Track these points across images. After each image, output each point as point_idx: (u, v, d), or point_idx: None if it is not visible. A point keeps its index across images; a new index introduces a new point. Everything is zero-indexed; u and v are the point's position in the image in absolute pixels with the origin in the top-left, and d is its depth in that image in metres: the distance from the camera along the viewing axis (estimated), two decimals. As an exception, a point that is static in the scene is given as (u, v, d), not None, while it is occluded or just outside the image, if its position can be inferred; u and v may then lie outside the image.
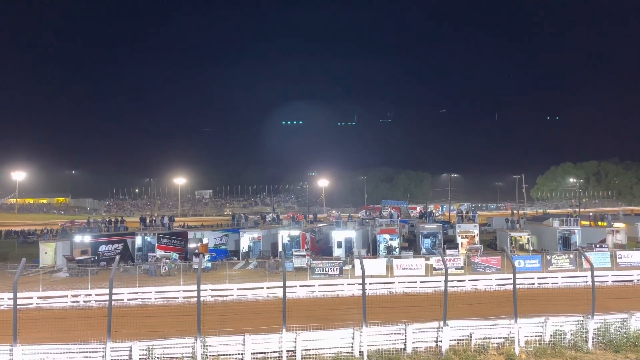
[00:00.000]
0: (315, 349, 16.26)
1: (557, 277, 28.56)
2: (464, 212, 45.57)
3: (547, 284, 28.20)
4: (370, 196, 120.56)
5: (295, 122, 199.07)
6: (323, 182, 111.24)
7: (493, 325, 17.46)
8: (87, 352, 15.52)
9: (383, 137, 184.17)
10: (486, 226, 58.46)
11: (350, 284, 26.69)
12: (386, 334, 16.93)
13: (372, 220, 45.72)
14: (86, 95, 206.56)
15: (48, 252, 37.49)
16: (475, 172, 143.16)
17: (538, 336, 17.56)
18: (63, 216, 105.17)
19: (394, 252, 36.26)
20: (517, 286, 17.84)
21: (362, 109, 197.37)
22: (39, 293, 25.10)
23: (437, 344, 16.96)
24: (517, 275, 18.50)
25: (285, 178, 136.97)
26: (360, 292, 23.63)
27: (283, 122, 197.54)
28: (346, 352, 16.38)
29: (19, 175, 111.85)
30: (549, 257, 29.86)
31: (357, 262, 28.12)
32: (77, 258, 34.57)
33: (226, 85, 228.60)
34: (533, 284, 27.97)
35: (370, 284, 24.69)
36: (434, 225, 40.50)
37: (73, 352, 15.52)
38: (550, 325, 17.54)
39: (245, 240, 39.75)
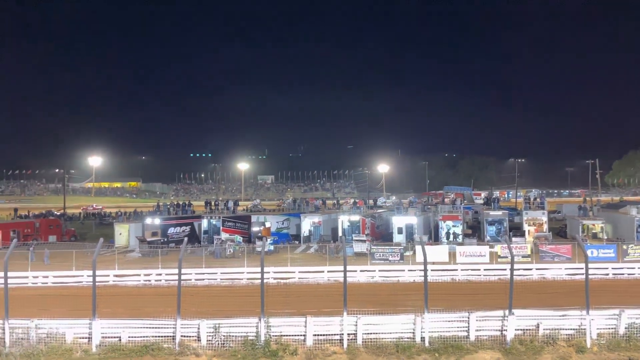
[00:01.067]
0: (376, 333, 16.31)
1: (634, 268, 26.90)
2: (532, 199, 43.73)
3: (623, 274, 26.65)
4: (432, 182, 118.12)
5: (355, 108, 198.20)
6: (383, 168, 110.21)
7: (563, 315, 16.76)
8: (159, 327, 16.39)
9: (446, 121, 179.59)
10: (556, 213, 55.79)
11: (411, 270, 26.44)
12: (448, 321, 16.69)
13: (434, 206, 44.92)
14: (157, 86, 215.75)
15: (122, 233, 39.76)
16: (544, 157, 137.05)
17: (612, 329, 16.70)
18: (135, 199, 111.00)
19: (457, 239, 35.51)
20: (590, 276, 17.00)
21: (424, 91, 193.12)
22: (115, 271, 26.66)
23: (501, 333, 16.52)
24: (590, 265, 17.63)
25: (346, 163, 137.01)
26: (421, 278, 23.35)
27: (343, 109, 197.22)
28: (407, 338, 16.31)
29: (95, 161, 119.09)
30: (625, 247, 28.15)
31: (418, 248, 27.76)
32: (148, 239, 36.40)
33: (289, 72, 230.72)
34: (607, 274, 26.52)
35: (431, 270, 24.34)
36: (500, 212, 39.18)
37: (146, 328, 16.45)
38: (625, 317, 16.61)
39: (306, 224, 40.26)
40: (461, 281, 26.04)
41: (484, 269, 26.97)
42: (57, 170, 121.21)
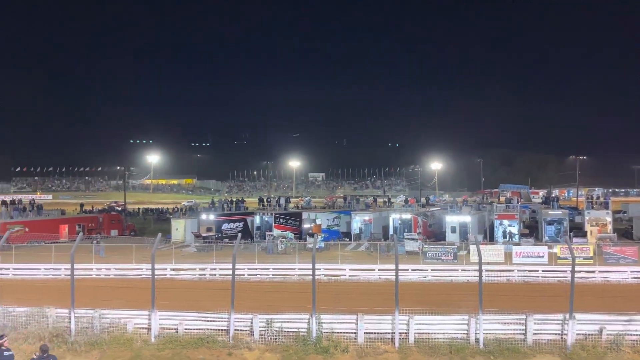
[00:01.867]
0: (429, 333, 16.05)
1: None
2: (595, 198, 41.68)
3: (696, 279, 24.93)
4: (487, 180, 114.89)
5: (407, 104, 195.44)
6: (436, 165, 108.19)
7: (628, 320, 15.87)
8: (214, 320, 16.82)
9: (502, 117, 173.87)
10: (621, 213, 52.91)
11: (465, 270, 25.83)
12: (504, 323, 16.17)
13: (489, 205, 43.70)
14: (211, 88, 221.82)
15: (178, 229, 41.15)
16: (609, 154, 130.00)
17: (685, 336, 15.65)
18: (190, 196, 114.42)
19: (513, 239, 34.39)
20: (659, 280, 15.99)
21: (480, 86, 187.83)
22: (172, 265, 27.60)
23: (561, 337, 15.84)
24: (659, 269, 16.58)
25: (397, 161, 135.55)
26: (475, 278, 22.82)
27: (395, 105, 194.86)
28: (460, 339, 15.95)
29: (153, 158, 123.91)
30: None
31: (472, 247, 27.13)
32: (203, 235, 37.50)
33: (338, 71, 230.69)
34: (679, 279, 24.90)
35: (486, 270, 23.67)
36: (559, 212, 37.61)
37: (202, 320, 16.93)
38: (698, 325, 15.53)
39: (357, 222, 40.19)
40: (517, 282, 25.18)
41: (542, 270, 25.95)
42: (118, 168, 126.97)
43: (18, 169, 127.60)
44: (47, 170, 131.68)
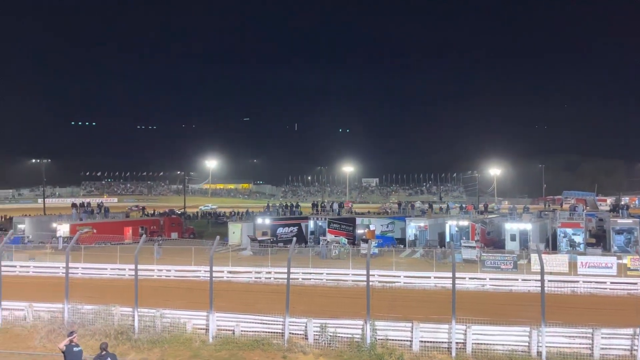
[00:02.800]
0: (487, 344, 15.56)
1: None
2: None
3: None
4: (549, 186, 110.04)
5: (465, 108, 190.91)
6: (494, 171, 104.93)
7: None
8: (269, 323, 17.08)
9: (566, 121, 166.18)
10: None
11: (525, 280, 24.86)
12: (568, 336, 15.43)
13: (551, 212, 41.90)
14: (267, 96, 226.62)
15: (235, 232, 42.11)
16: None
17: None
18: (246, 200, 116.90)
19: (578, 248, 32.77)
20: None
21: (541, 88, 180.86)
22: (229, 268, 28.24)
23: (631, 353, 14.92)
24: None
25: (454, 166, 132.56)
26: (537, 289, 21.86)
27: (452, 111, 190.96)
28: (521, 351, 15.35)
29: (211, 163, 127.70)
30: None
31: (534, 256, 26.10)
32: (259, 238, 38.20)
33: (394, 81, 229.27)
34: None
35: (549, 281, 22.65)
36: (630, 220, 35.48)
37: (258, 323, 17.22)
38: None
39: (412, 228, 39.63)
40: (583, 294, 23.95)
41: (610, 282, 24.56)
42: (178, 173, 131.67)
43: (87, 173, 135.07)
44: (113, 175, 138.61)
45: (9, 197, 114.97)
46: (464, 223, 37.87)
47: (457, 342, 15.59)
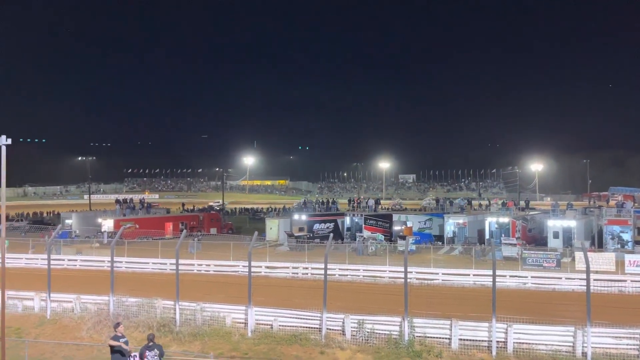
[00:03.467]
0: (529, 343, 15.21)
1: None
2: None
3: None
4: (594, 182, 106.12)
5: (504, 101, 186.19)
6: (536, 166, 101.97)
7: None
8: (306, 318, 17.21)
9: (612, 114, 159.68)
10: None
11: (569, 278, 24.08)
12: (615, 337, 14.90)
13: (597, 209, 40.45)
14: (305, 94, 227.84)
15: (272, 228, 42.51)
16: None
17: None
18: (283, 196, 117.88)
19: (626, 247, 31.53)
20: None
21: (585, 81, 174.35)
22: (266, 263, 28.56)
23: (683, 357, 14.28)
24: None
25: (493, 162, 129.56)
26: (581, 288, 21.23)
27: (491, 105, 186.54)
28: (565, 351, 14.92)
29: (249, 160, 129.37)
30: None
31: (578, 254, 25.32)
32: (295, 234, 38.45)
33: (431, 72, 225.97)
34: None
35: (594, 280, 21.89)
36: (681, 217, 33.87)
37: (295, 318, 17.38)
38: None
39: (450, 225, 39.05)
40: (631, 293, 23.04)
41: (662, 282, 23.53)
42: (217, 170, 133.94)
43: (130, 170, 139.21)
44: (154, 172, 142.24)
45: (57, 194, 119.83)
46: (505, 220, 37.05)
47: (497, 341, 15.31)
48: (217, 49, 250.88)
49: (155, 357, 11.55)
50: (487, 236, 36.92)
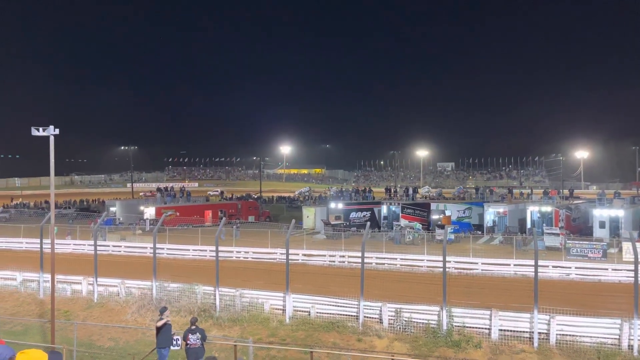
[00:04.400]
0: (573, 335, 14.79)
1: None
2: None
3: None
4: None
5: (545, 86, 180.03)
6: (581, 154, 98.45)
7: None
8: (343, 306, 17.27)
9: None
10: None
11: (616, 270, 23.23)
12: (665, 331, 14.30)
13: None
14: (341, 82, 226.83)
15: (309, 216, 42.76)
16: None
17: None
18: (319, 185, 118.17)
19: (678, 237, 30.12)
20: None
21: (634, 65, 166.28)
22: (303, 251, 28.78)
23: None
24: None
25: (535, 149, 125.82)
26: (628, 279, 20.46)
27: (534, 91, 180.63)
28: (611, 344, 14.45)
29: (285, 149, 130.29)
30: None
31: (626, 245, 24.38)
32: (332, 222, 38.54)
33: (470, 59, 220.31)
34: None
35: (643, 271, 21.05)
36: None
37: (332, 305, 17.47)
38: None
39: (490, 214, 38.27)
40: (683, 287, 22.04)
41: None
42: (254, 158, 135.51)
43: (170, 159, 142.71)
44: (194, 161, 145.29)
45: (101, 182, 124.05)
46: (547, 209, 36.03)
47: (539, 333, 14.96)
48: (254, 39, 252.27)
49: (198, 340, 11.84)
50: (528, 225, 36.03)
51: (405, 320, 16.15)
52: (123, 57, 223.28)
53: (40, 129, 14.76)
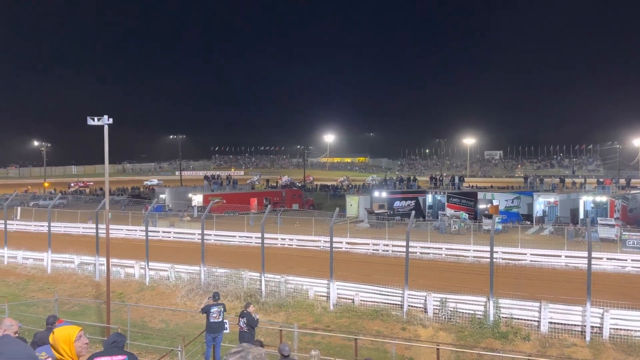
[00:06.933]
0: (627, 330, 14.23)
1: None
2: None
3: None
4: None
5: (599, 70, 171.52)
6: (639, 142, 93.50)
7: None
8: (388, 295, 17.25)
9: None
10: None
11: (676, 263, 22.11)
12: None
13: None
14: (386, 72, 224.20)
15: (352, 205, 42.73)
16: None
17: None
18: (363, 174, 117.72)
19: None
20: None
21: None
22: (347, 239, 28.83)
23: None
24: None
25: (589, 137, 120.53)
26: (692, 273, 19.42)
27: (588, 77, 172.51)
28: (670, 341, 13.80)
29: (329, 138, 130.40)
30: None
31: (687, 237, 23.09)
32: (375, 211, 38.38)
33: (523, 47, 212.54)
34: None
35: None
36: None
37: (376, 294, 17.48)
38: None
39: (540, 204, 37.09)
40: None
41: None
42: (298, 147, 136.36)
43: (217, 148, 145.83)
44: (240, 149, 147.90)
45: (151, 170, 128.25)
46: (602, 199, 34.56)
47: (592, 326, 14.46)
48: (297, 31, 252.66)
49: (245, 325, 12.12)
50: (581, 216, 34.72)
51: (450, 310, 15.97)
52: (172, 48, 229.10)
53: (95, 118, 15.38)
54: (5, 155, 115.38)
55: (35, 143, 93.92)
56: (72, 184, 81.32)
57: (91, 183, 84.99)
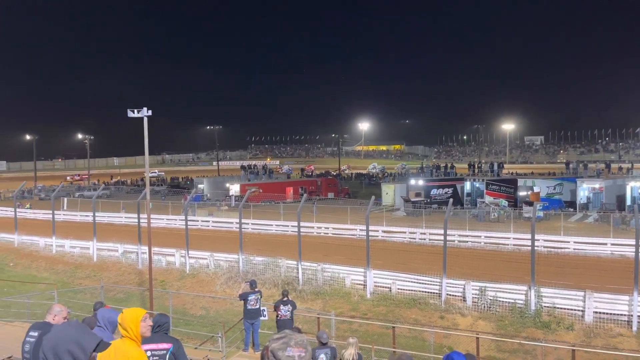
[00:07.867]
0: (678, 321, 13.64)
1: None
2: None
3: None
4: None
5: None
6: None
7: None
8: (425, 283, 17.08)
9: None
10: None
11: None
12: None
13: None
14: (420, 58, 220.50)
15: (388, 193, 42.41)
16: None
17: None
18: (398, 161, 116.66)
19: None
20: None
21: None
22: (383, 227, 28.67)
23: None
24: None
25: (636, 120, 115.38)
26: None
27: (631, 54, 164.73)
28: None
29: (364, 126, 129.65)
30: None
31: None
32: (412, 199, 38.00)
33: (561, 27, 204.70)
34: None
35: None
36: None
37: (413, 282, 17.35)
38: None
39: (584, 190, 35.85)
40: None
41: None
42: (333, 136, 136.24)
43: (253, 138, 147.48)
44: (275, 139, 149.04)
45: (189, 160, 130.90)
46: (651, 185, 33.15)
47: (639, 316, 13.94)
48: (337, 22, 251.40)
49: (288, 312, 12.24)
50: (628, 202, 33.39)
51: (490, 299, 15.70)
52: (210, 42, 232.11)
53: (135, 110, 15.75)
54: (52, 148, 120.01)
55: (79, 136, 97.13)
56: (67, 177, 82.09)
57: (78, 177, 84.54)
